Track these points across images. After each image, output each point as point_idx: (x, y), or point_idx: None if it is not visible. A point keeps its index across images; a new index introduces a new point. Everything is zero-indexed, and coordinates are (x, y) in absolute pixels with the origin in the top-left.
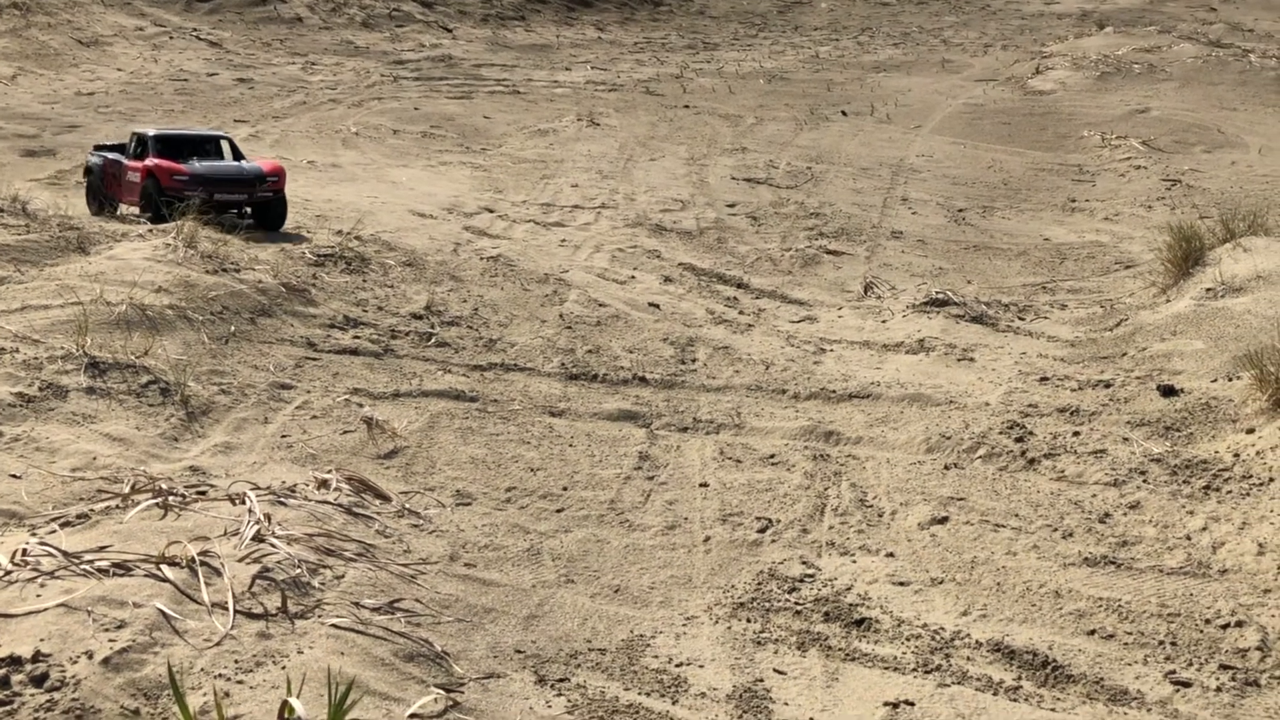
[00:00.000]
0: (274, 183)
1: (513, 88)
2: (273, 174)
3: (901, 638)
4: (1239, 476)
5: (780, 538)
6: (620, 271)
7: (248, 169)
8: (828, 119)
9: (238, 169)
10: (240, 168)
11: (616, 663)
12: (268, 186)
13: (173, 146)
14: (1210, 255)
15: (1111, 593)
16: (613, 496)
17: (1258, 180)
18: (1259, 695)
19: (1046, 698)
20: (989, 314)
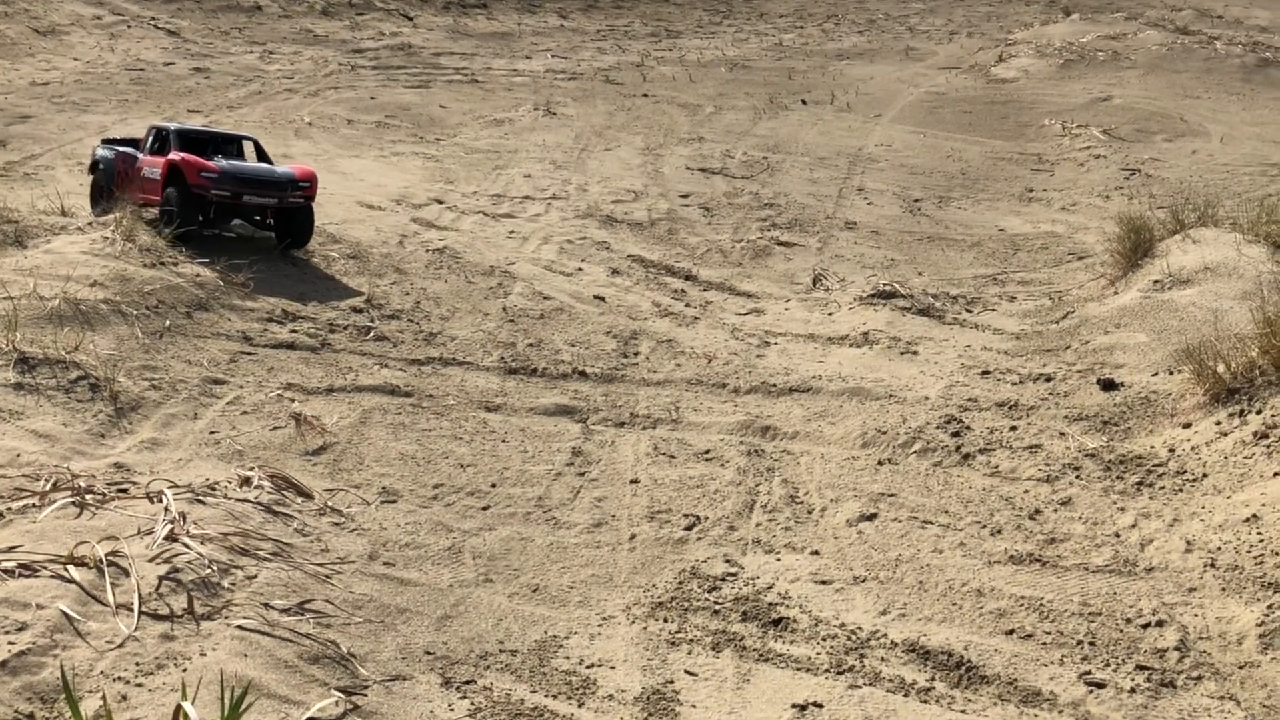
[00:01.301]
0: (306, 189)
1: (471, 76)
2: (304, 179)
3: (818, 638)
4: (1173, 472)
5: (706, 535)
6: (568, 263)
7: (279, 172)
8: (787, 108)
9: (269, 171)
10: (271, 170)
11: (527, 664)
12: (300, 192)
13: (195, 143)
14: (1159, 247)
15: (1034, 591)
16: (541, 493)
17: (1218, 170)
18: (1173, 697)
19: (958, 699)
20: (936, 306)
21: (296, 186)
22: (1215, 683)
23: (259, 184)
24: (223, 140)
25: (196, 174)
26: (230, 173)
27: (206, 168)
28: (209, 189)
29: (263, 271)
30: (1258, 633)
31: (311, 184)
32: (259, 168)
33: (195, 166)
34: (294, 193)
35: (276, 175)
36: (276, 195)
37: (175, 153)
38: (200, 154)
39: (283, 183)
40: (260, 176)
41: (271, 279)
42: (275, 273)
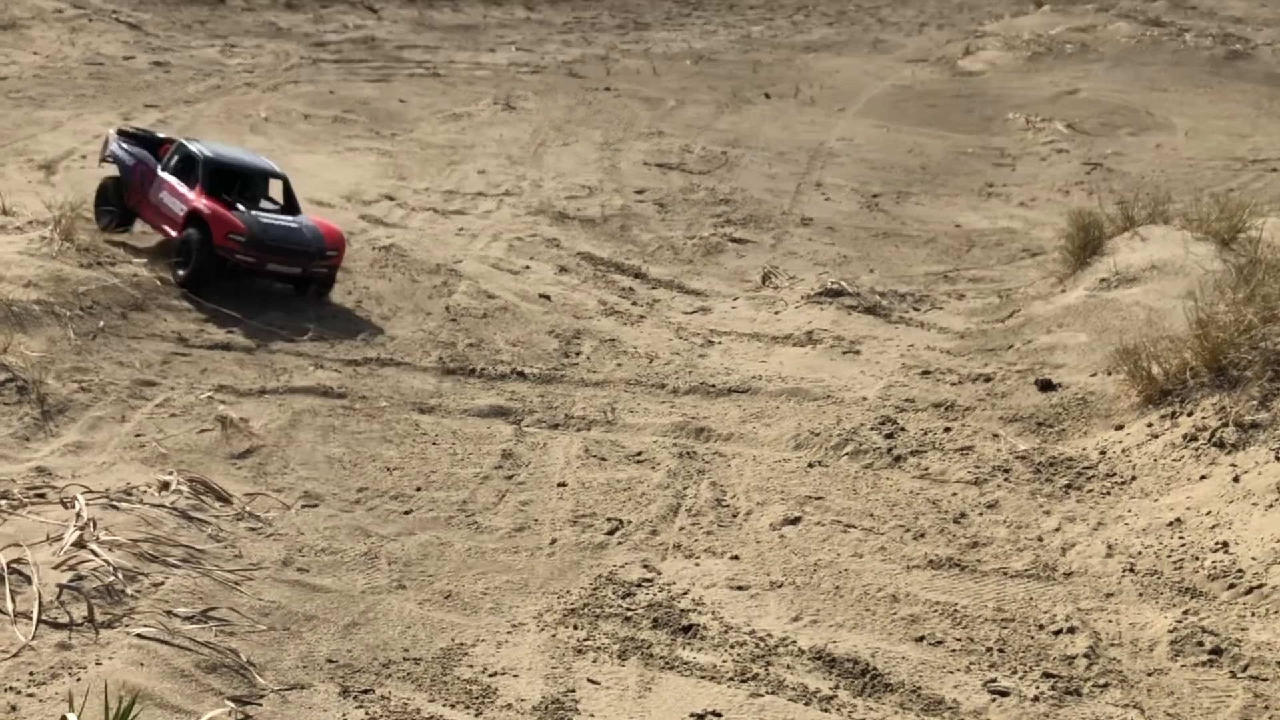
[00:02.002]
0: (333, 258)
1: (433, 70)
2: (333, 246)
3: (726, 645)
4: (1102, 474)
5: (628, 540)
6: (516, 261)
7: (309, 235)
8: (750, 101)
9: (297, 233)
10: (301, 232)
11: (429, 673)
12: (326, 262)
13: (224, 178)
14: (1109, 245)
15: (950, 597)
16: (466, 497)
17: (1181, 164)
18: (1077, 705)
19: (860, 708)
20: (883, 305)
21: (324, 256)
22: (1121, 690)
23: (287, 253)
24: (251, 174)
25: (224, 234)
26: (259, 237)
27: (235, 228)
28: (235, 252)
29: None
30: (1169, 639)
31: (339, 252)
32: (288, 229)
33: (224, 225)
34: (320, 262)
35: (305, 242)
36: (302, 264)
37: (203, 198)
38: (227, 187)
39: (311, 252)
40: (289, 244)
41: (211, 280)
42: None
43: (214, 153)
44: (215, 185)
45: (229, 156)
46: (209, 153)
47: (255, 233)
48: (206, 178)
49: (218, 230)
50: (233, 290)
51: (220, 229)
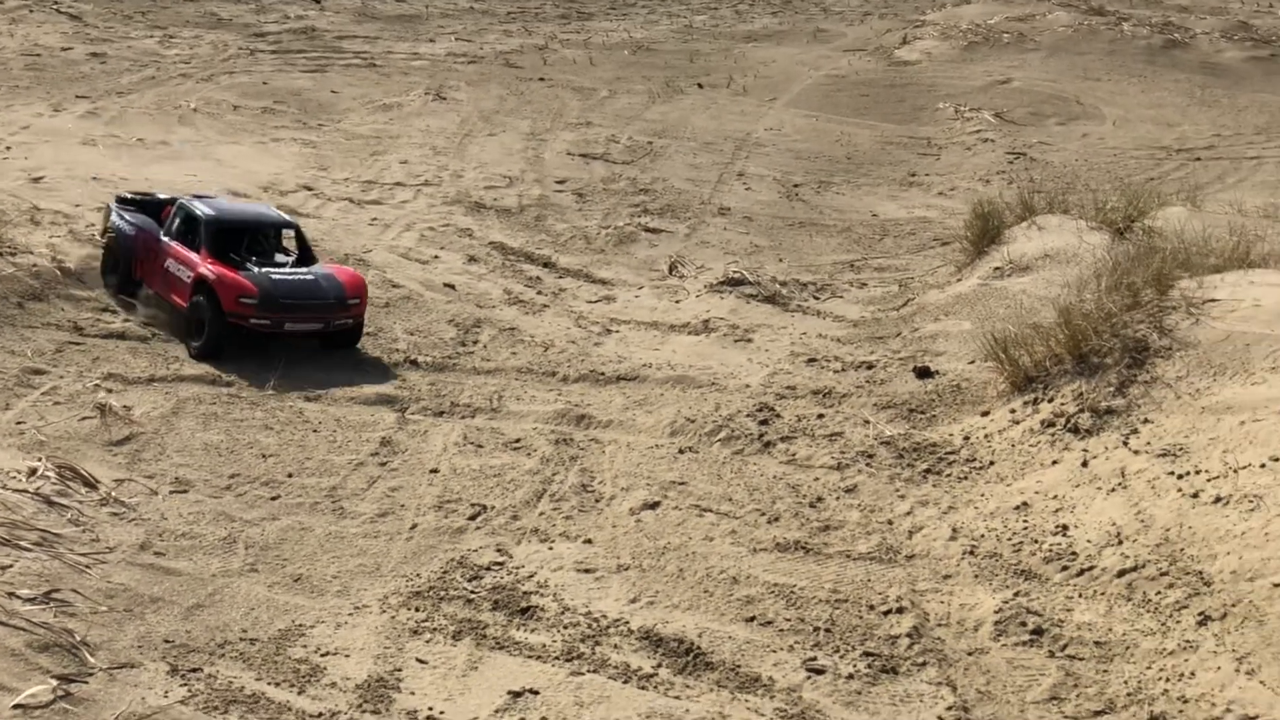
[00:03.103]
0: (355, 307)
1: (370, 61)
2: (354, 295)
3: (560, 626)
4: (963, 460)
5: (488, 525)
6: (425, 251)
7: (326, 286)
8: (683, 91)
9: (314, 287)
10: (317, 284)
11: (262, 653)
12: (348, 313)
13: (230, 237)
14: (1007, 234)
15: (789, 579)
16: (336, 483)
17: (1106, 153)
18: (891, 682)
19: (676, 685)
20: (783, 293)
21: (345, 307)
22: (938, 669)
23: (305, 310)
24: (259, 228)
25: (234, 299)
26: (273, 296)
27: (245, 290)
28: (248, 317)
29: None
30: (994, 620)
31: (361, 300)
32: (303, 283)
33: (233, 289)
34: (342, 314)
35: (323, 294)
36: (323, 319)
37: (208, 262)
38: (234, 246)
39: (330, 304)
40: (307, 299)
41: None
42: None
43: (216, 211)
44: (221, 246)
45: (232, 213)
46: (210, 211)
47: (267, 292)
48: (210, 239)
49: (226, 296)
50: (135, 283)
51: (229, 294)
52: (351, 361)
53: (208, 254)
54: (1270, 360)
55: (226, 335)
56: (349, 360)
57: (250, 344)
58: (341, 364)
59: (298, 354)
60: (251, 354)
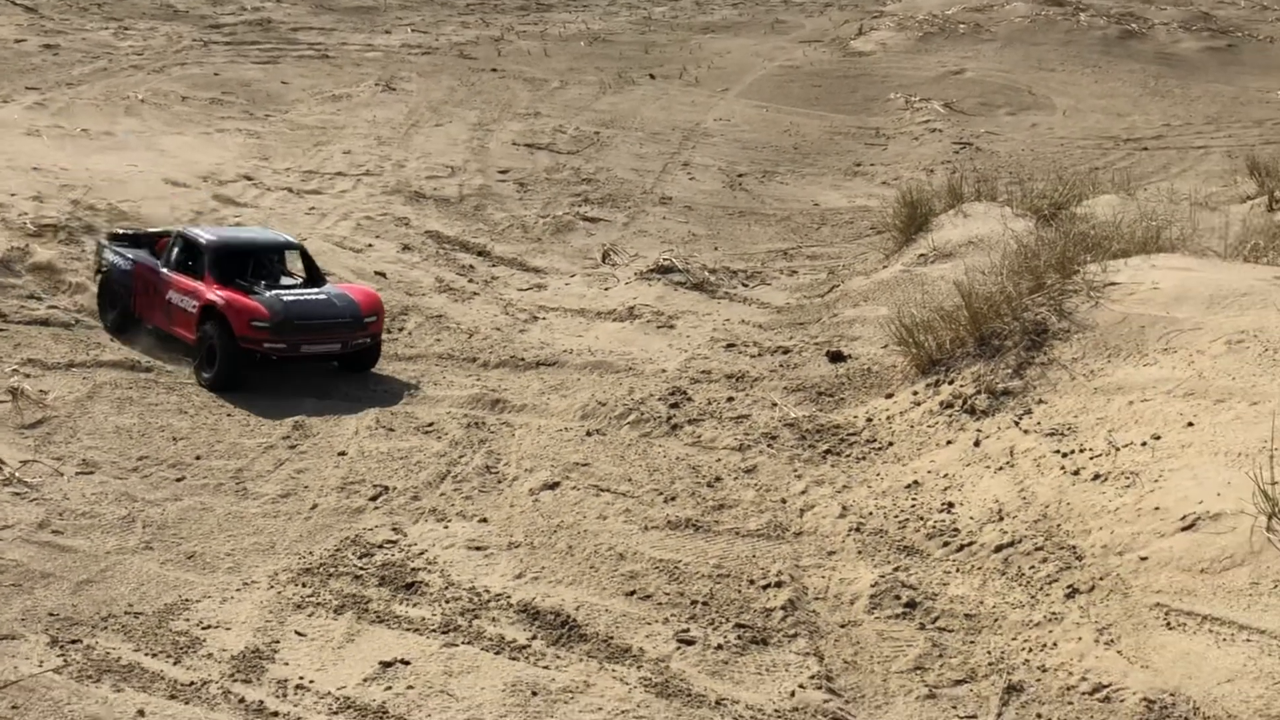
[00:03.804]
0: (372, 324)
1: (323, 52)
2: (370, 313)
3: (442, 600)
4: (864, 441)
5: (388, 505)
6: (360, 240)
7: (340, 305)
8: (634, 82)
9: (328, 306)
10: (331, 303)
11: (145, 626)
12: (366, 331)
13: (234, 262)
14: (935, 221)
15: (675, 555)
16: (244, 465)
17: (1053, 143)
18: (760, 652)
19: (548, 655)
20: (711, 281)
21: (362, 325)
22: (808, 640)
23: (321, 329)
24: (263, 251)
25: (246, 323)
26: (286, 319)
27: (257, 313)
28: (262, 341)
29: (34, 249)
30: (870, 593)
31: (378, 317)
32: (317, 302)
33: (244, 313)
34: (360, 333)
35: (339, 313)
36: (341, 339)
37: (215, 288)
38: (239, 271)
39: (347, 323)
40: (322, 319)
41: (43, 256)
42: (49, 250)
43: (217, 236)
44: (226, 272)
45: (235, 237)
46: (211, 237)
47: (280, 313)
48: (214, 265)
49: (238, 321)
50: (64, 270)
51: (240, 318)
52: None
53: (213, 280)
54: (1163, 342)
55: (240, 362)
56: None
57: (266, 370)
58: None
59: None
60: (171, 341)
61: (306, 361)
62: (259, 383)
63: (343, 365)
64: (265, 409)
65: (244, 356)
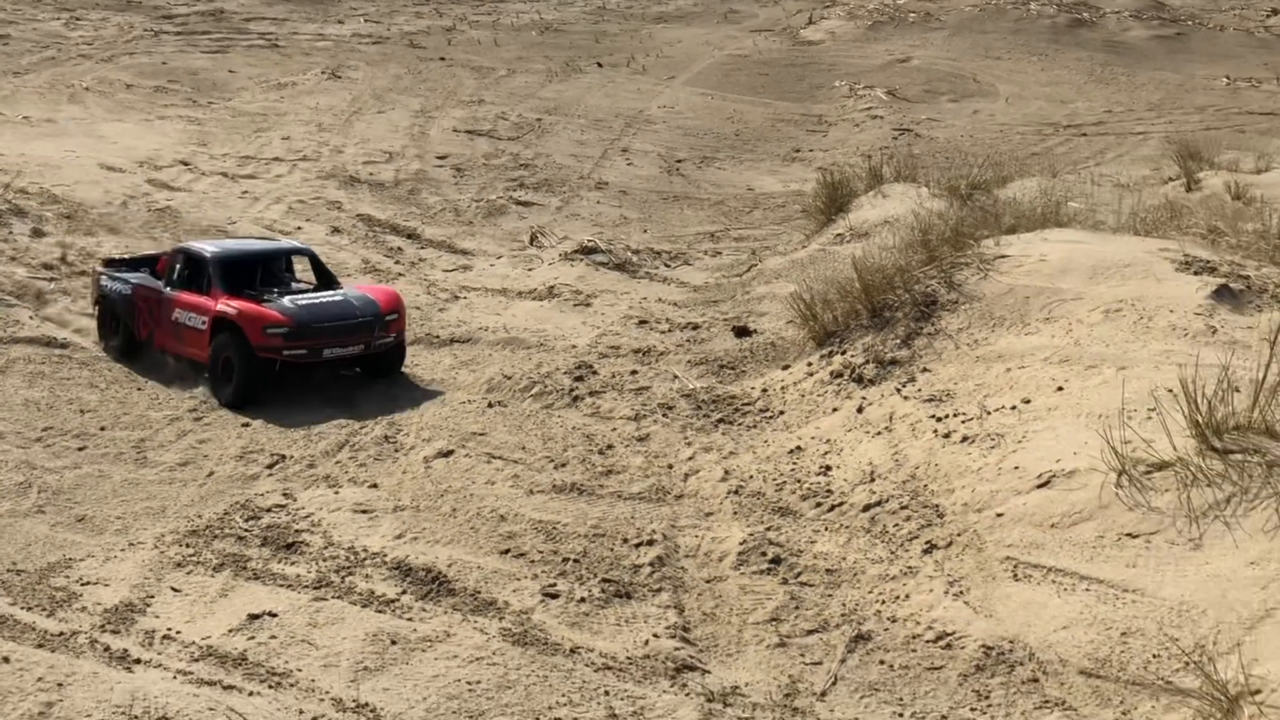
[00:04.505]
0: (394, 322)
1: (273, 42)
2: (391, 310)
3: (320, 559)
4: (757, 410)
5: (284, 472)
6: (290, 223)
7: (359, 305)
8: (582, 71)
9: (346, 306)
10: (349, 304)
11: (25, 582)
12: (388, 329)
13: (241, 272)
14: (855, 202)
15: (555, 517)
16: (147, 436)
17: (993, 129)
18: (622, 605)
19: (414, 609)
20: (633, 261)
21: (384, 324)
22: (671, 594)
23: (341, 331)
24: (270, 259)
25: (261, 331)
26: (305, 323)
27: (272, 320)
28: (281, 349)
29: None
30: (738, 551)
31: (399, 314)
32: (335, 303)
33: (258, 321)
34: (382, 333)
35: (358, 313)
36: (363, 341)
37: (224, 297)
38: (247, 281)
39: (369, 323)
40: (342, 320)
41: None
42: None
43: (220, 247)
44: (233, 283)
45: (240, 247)
46: (215, 248)
47: (298, 318)
48: (221, 276)
49: (253, 330)
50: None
51: (255, 327)
52: None
53: (220, 292)
54: (1045, 311)
55: (260, 374)
56: None
57: (289, 382)
58: None
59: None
60: (91, 319)
61: (327, 369)
62: (168, 357)
63: (366, 371)
64: (174, 383)
65: (263, 368)
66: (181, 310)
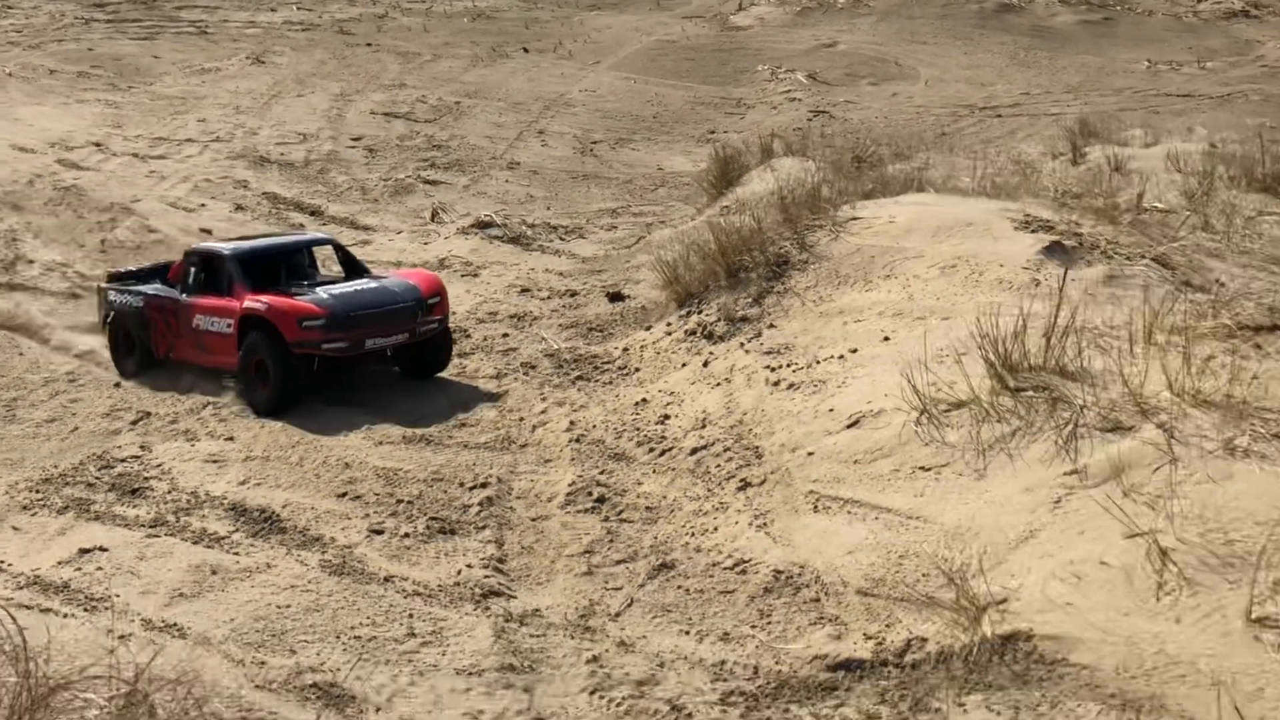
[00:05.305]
0: (436, 305)
1: (203, 29)
2: (432, 294)
3: (162, 503)
4: (615, 368)
5: (145, 428)
6: (194, 200)
7: (398, 291)
8: (508, 56)
9: (384, 293)
10: (387, 290)
11: None
12: (430, 314)
13: (264, 267)
14: (747, 176)
15: (399, 464)
16: (19, 396)
17: (909, 111)
18: (444, 540)
19: (243, 544)
20: (527, 235)
21: (426, 309)
22: (494, 530)
23: (382, 319)
24: (292, 252)
25: (296, 325)
26: (342, 312)
27: (307, 312)
28: (319, 343)
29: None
30: (566, 492)
31: (441, 298)
32: (371, 290)
33: (293, 314)
34: (425, 319)
35: (398, 298)
36: (406, 329)
37: (249, 294)
38: (271, 278)
39: (411, 308)
40: (382, 307)
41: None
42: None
43: (239, 244)
44: (257, 280)
45: (259, 243)
46: (234, 245)
47: (334, 309)
48: (243, 273)
49: (287, 325)
50: None
51: (289, 321)
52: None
53: (245, 289)
54: (886, 269)
55: (297, 372)
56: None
57: (327, 381)
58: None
59: (27, 293)
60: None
61: (372, 359)
62: (56, 324)
63: (406, 370)
64: (56, 349)
65: (300, 366)
66: (203, 316)
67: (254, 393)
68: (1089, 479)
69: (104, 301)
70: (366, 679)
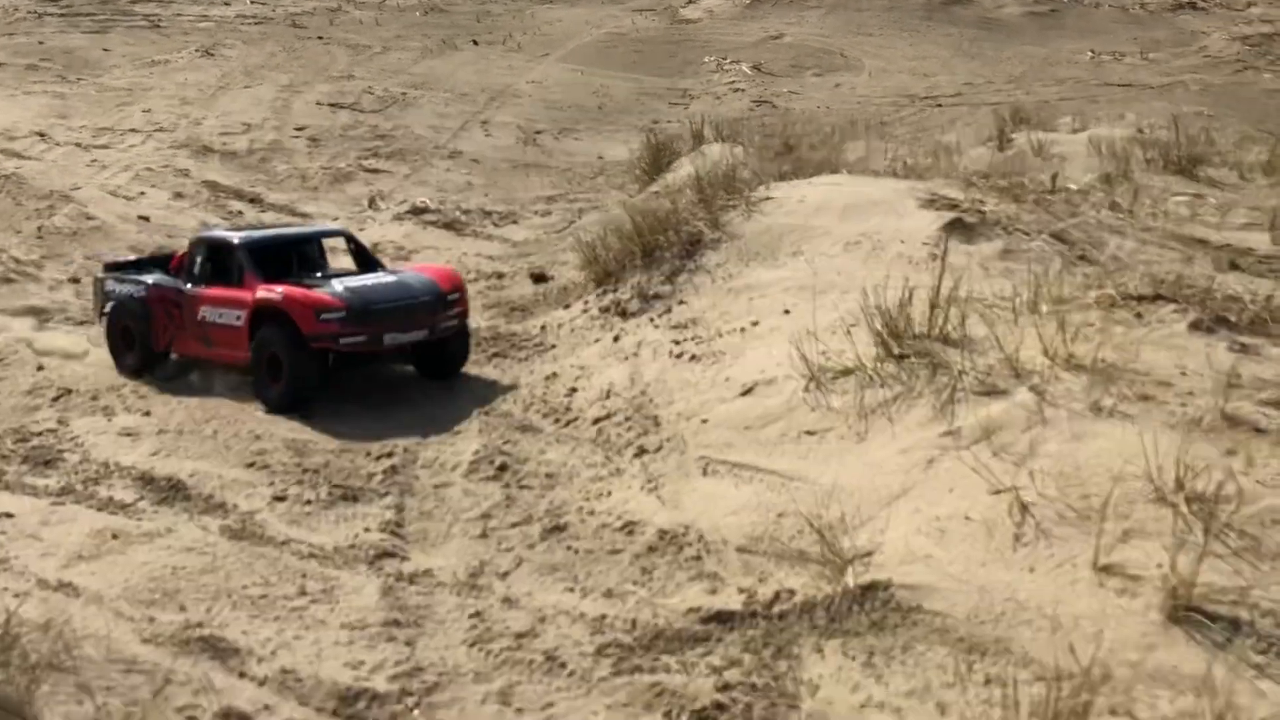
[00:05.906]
0: (457, 302)
1: (155, 22)
2: (452, 289)
3: (72, 473)
4: (533, 345)
5: (65, 405)
6: (134, 189)
7: (417, 286)
8: (457, 48)
9: (403, 287)
10: (405, 284)
11: None
12: (451, 310)
13: (274, 258)
14: (677, 163)
15: (308, 437)
16: None
17: (851, 101)
18: (346, 506)
19: (147, 510)
20: (462, 220)
21: (447, 304)
22: (396, 497)
23: (402, 313)
24: (304, 243)
25: (313, 317)
26: (362, 305)
27: (325, 304)
28: (337, 335)
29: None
30: (470, 460)
31: (461, 293)
32: (389, 284)
33: (310, 305)
34: (445, 314)
35: (418, 292)
36: (427, 324)
37: (261, 285)
38: (283, 269)
39: (431, 303)
40: (401, 301)
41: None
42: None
43: (249, 231)
44: (268, 271)
45: (270, 232)
46: (243, 232)
47: (352, 302)
48: (254, 262)
49: (303, 316)
50: None
51: (306, 313)
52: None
53: (257, 279)
54: (793, 247)
55: (313, 367)
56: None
57: (342, 379)
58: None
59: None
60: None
61: (389, 356)
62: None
63: (422, 370)
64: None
65: (315, 361)
66: (210, 307)
67: (265, 389)
68: (962, 440)
69: (100, 292)
70: (253, 633)
